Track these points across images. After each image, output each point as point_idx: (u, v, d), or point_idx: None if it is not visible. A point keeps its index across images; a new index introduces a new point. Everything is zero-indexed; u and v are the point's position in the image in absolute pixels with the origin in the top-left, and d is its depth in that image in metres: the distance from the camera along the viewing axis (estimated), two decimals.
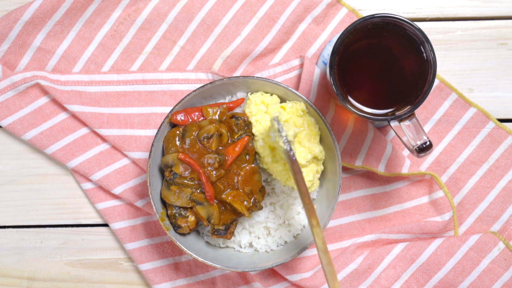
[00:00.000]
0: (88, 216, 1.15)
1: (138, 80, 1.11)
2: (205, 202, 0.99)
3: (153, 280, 1.11)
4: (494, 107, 1.13)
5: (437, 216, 1.11)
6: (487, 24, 1.13)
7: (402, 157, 1.09)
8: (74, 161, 1.11)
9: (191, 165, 0.98)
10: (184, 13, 1.12)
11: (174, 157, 0.99)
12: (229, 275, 1.12)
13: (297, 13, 1.11)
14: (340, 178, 1.01)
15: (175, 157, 0.98)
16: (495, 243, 1.10)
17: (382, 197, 1.13)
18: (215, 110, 1.02)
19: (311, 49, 1.13)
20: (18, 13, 1.09)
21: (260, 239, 1.07)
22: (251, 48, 1.11)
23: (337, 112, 1.09)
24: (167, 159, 0.99)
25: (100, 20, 1.12)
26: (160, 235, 1.12)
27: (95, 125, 1.10)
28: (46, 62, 1.12)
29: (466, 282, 1.10)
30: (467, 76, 1.13)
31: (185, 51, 1.13)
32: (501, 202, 1.12)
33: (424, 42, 0.93)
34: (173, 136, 1.00)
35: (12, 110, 1.10)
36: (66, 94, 1.09)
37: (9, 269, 1.14)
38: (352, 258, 1.10)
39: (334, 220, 1.13)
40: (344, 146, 1.10)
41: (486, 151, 1.12)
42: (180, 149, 1.00)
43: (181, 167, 0.99)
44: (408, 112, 0.93)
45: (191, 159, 0.98)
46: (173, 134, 1.00)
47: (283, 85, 1.02)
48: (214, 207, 0.99)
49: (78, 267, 1.14)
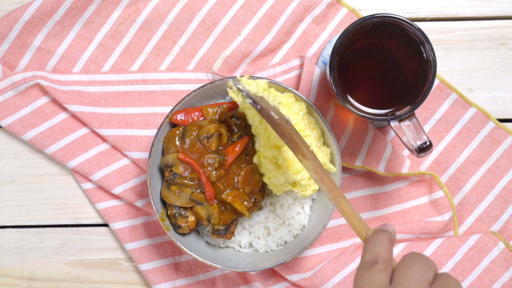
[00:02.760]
0: (88, 216, 1.15)
1: (138, 80, 1.11)
2: (205, 202, 0.99)
3: (153, 280, 1.11)
4: (494, 107, 1.13)
5: (437, 216, 1.11)
6: (487, 24, 1.13)
7: (402, 157, 1.09)
8: (74, 161, 1.11)
9: (191, 165, 0.98)
10: (184, 13, 1.12)
11: (174, 157, 0.99)
12: (229, 275, 1.12)
13: (297, 13, 1.11)
14: (340, 178, 1.01)
15: (175, 157, 0.98)
16: (495, 243, 1.10)
17: (382, 197, 1.13)
18: (215, 110, 1.02)
19: (311, 49, 1.13)
20: (18, 13, 1.09)
21: (260, 239, 1.07)
22: (251, 48, 1.11)
23: (337, 112, 1.09)
24: (167, 159, 0.99)
25: (100, 20, 1.12)
26: (160, 235, 1.12)
27: (95, 125, 1.10)
28: (46, 62, 1.12)
29: (466, 282, 1.10)
30: (467, 76, 1.13)
31: (185, 51, 1.13)
32: (501, 202, 1.12)
33: (424, 42, 0.93)
34: (173, 136, 1.00)
35: (12, 110, 1.10)
36: (66, 94, 1.09)
37: (9, 269, 1.14)
38: (352, 258, 1.10)
39: (334, 220, 1.13)
40: (344, 146, 1.10)
41: (486, 151, 1.12)
42: (180, 149, 1.00)
43: (181, 167, 0.99)
44: (408, 112, 0.93)
45: (191, 159, 0.98)
46: (173, 134, 1.00)
47: (283, 85, 1.02)
48: (214, 207, 0.99)
49: (78, 267, 1.14)
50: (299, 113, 1.01)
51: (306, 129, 1.01)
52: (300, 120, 1.01)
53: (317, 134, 1.03)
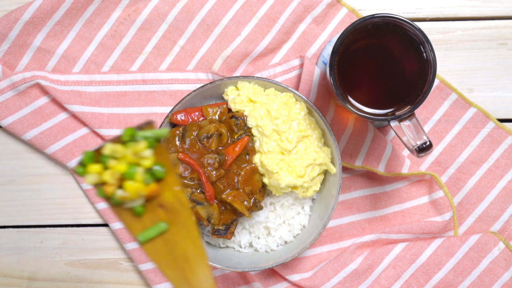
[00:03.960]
0: (88, 216, 1.15)
1: (138, 80, 1.11)
2: (205, 202, 0.99)
3: (153, 280, 1.11)
4: (494, 107, 1.13)
5: (437, 216, 1.11)
6: (487, 24, 1.13)
7: (402, 157, 1.09)
8: (74, 161, 1.11)
9: (191, 165, 0.98)
10: (184, 13, 1.12)
11: (174, 157, 0.99)
12: (229, 275, 1.12)
13: (297, 13, 1.11)
14: (340, 178, 1.01)
15: (175, 157, 0.98)
16: (495, 243, 1.10)
17: (382, 197, 1.13)
18: (215, 110, 1.02)
19: (311, 49, 1.13)
20: (18, 13, 1.09)
21: (260, 239, 1.07)
22: (251, 48, 1.11)
23: (337, 112, 1.09)
24: None
25: (100, 20, 1.12)
26: None
27: (95, 125, 1.10)
28: (46, 62, 1.12)
29: (466, 282, 1.10)
30: (467, 76, 1.13)
31: (185, 51, 1.13)
32: (501, 202, 1.12)
33: (424, 42, 0.93)
34: (173, 136, 1.00)
35: (12, 110, 1.10)
36: (66, 94, 1.09)
37: (9, 269, 1.14)
38: (352, 258, 1.10)
39: (334, 220, 1.13)
40: (344, 146, 1.10)
41: (486, 151, 1.12)
42: (180, 149, 1.00)
43: (181, 167, 0.99)
44: (408, 112, 0.93)
45: (191, 159, 0.98)
46: (173, 134, 1.00)
47: (283, 85, 1.02)
48: (214, 207, 0.99)
49: (78, 267, 1.14)
50: (301, 113, 1.01)
51: (307, 129, 1.01)
52: (302, 120, 1.01)
53: (318, 134, 1.03)
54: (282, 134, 0.99)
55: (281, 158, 0.99)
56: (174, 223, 0.72)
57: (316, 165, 1.01)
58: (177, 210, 0.72)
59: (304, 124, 1.00)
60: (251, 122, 1.00)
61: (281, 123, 0.99)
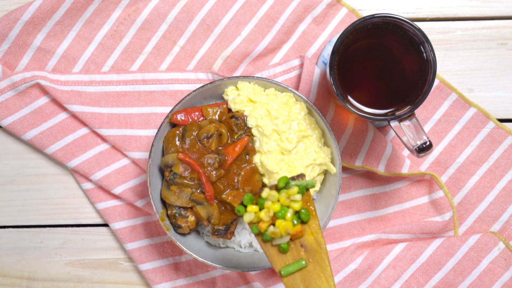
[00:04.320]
0: (88, 216, 1.15)
1: (138, 80, 1.11)
2: (205, 202, 0.99)
3: (153, 280, 1.11)
4: (494, 107, 1.13)
5: (437, 216, 1.11)
6: (487, 24, 1.13)
7: (402, 157, 1.09)
8: (74, 161, 1.11)
9: (191, 165, 0.98)
10: (184, 13, 1.12)
11: (174, 157, 0.99)
12: (229, 275, 1.12)
13: (297, 13, 1.11)
14: (340, 178, 1.01)
15: (175, 157, 0.98)
16: (495, 243, 1.10)
17: (382, 197, 1.13)
18: (215, 110, 1.02)
19: (311, 49, 1.13)
20: (18, 13, 1.09)
21: None
22: (251, 48, 1.11)
23: (337, 112, 1.09)
24: (167, 159, 0.99)
25: (100, 20, 1.12)
26: (160, 235, 1.12)
27: (95, 125, 1.10)
28: (46, 62, 1.12)
29: (466, 282, 1.10)
30: (467, 76, 1.13)
31: (185, 51, 1.13)
32: (501, 202, 1.12)
33: (424, 42, 0.93)
34: (173, 136, 1.00)
35: (12, 110, 1.10)
36: (66, 94, 1.09)
37: (9, 269, 1.14)
38: (352, 258, 1.10)
39: (334, 220, 1.13)
40: (344, 146, 1.10)
41: (486, 151, 1.12)
42: (180, 149, 1.00)
43: (181, 167, 0.99)
44: (408, 112, 0.93)
45: (191, 159, 0.98)
46: (173, 134, 1.00)
47: (283, 85, 1.02)
48: (214, 207, 0.99)
49: (78, 267, 1.14)
50: (301, 113, 1.01)
51: (308, 129, 1.01)
52: (302, 120, 1.01)
53: (318, 134, 1.03)
54: (282, 134, 0.99)
55: (281, 158, 0.99)
56: (312, 262, 0.84)
57: (316, 165, 1.01)
58: (316, 251, 0.84)
59: (304, 124, 1.00)
60: (251, 122, 1.00)
61: (281, 123, 0.99)
